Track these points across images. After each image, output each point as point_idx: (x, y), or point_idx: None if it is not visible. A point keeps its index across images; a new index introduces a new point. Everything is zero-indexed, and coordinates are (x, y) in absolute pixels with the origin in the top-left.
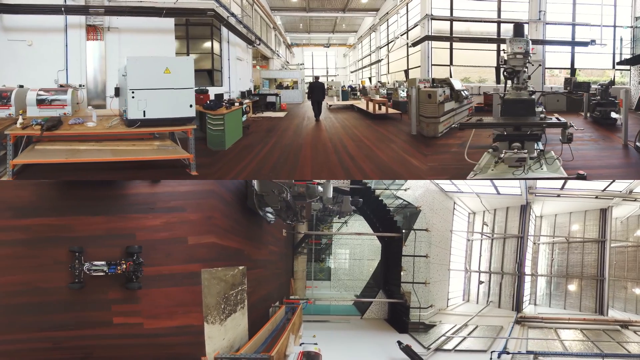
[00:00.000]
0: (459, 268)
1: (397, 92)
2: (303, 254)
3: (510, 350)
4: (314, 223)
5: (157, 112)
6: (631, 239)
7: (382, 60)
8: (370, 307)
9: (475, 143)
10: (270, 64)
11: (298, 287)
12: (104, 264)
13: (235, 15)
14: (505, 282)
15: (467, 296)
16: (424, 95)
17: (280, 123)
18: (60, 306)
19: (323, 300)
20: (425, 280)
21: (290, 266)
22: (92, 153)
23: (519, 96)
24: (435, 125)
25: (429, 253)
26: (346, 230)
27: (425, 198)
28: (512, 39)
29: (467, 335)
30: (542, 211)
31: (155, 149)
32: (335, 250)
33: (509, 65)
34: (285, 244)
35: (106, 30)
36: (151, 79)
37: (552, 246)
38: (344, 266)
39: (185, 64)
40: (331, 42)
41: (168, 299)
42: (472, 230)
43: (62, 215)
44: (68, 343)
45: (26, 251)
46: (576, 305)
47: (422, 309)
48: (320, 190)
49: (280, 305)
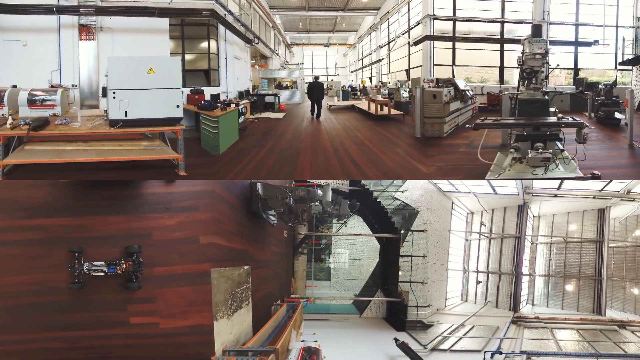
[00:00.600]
0: (457, 268)
1: (398, 92)
2: (303, 254)
3: (504, 350)
4: (314, 224)
5: (140, 113)
6: (630, 239)
7: (383, 60)
8: (369, 306)
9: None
10: (269, 64)
11: (298, 286)
12: (103, 264)
13: (233, 13)
14: (503, 282)
15: (465, 296)
16: (429, 95)
17: (279, 124)
18: (74, 306)
19: (323, 299)
20: (423, 280)
21: (291, 266)
22: (77, 153)
23: (533, 96)
24: (441, 125)
25: (427, 253)
26: (345, 230)
27: (424, 199)
28: (531, 40)
29: (463, 335)
30: (539, 211)
31: (141, 149)
32: (335, 250)
33: (528, 65)
34: (286, 245)
35: (99, 30)
36: (133, 79)
37: (550, 246)
38: (344, 266)
39: (172, 64)
40: (331, 42)
41: (182, 298)
42: (470, 230)
43: (79, 215)
44: (84, 343)
45: (40, 251)
46: (574, 306)
47: (420, 308)
48: (320, 194)
49: (281, 303)
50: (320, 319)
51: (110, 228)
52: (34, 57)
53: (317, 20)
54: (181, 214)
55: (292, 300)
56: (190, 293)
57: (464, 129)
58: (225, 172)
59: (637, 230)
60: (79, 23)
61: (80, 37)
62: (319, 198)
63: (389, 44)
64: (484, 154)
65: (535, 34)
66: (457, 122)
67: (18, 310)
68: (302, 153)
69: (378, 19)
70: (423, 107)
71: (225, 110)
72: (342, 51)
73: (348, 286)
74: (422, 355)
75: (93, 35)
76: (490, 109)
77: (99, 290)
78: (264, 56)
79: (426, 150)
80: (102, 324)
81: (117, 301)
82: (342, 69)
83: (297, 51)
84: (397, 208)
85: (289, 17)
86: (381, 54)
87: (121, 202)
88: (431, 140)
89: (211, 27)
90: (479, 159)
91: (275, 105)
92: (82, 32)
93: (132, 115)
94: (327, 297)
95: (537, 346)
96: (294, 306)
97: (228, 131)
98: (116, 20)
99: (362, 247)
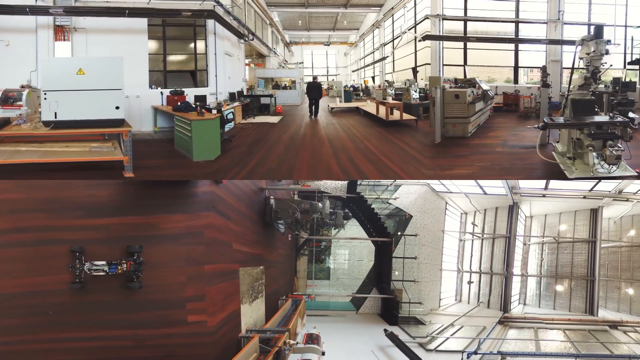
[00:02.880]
0: (451, 268)
1: (408, 93)
2: (304, 255)
3: (483, 351)
4: (314, 228)
5: (71, 114)
6: (625, 239)
7: (387, 58)
8: (365, 302)
9: (517, 143)
10: (266, 63)
11: (300, 285)
12: (104, 264)
13: (223, 5)
14: (495, 282)
15: (459, 296)
16: (450, 95)
17: (272, 131)
18: (141, 304)
19: (323, 297)
20: (415, 279)
21: (294, 266)
22: (27, 154)
23: (583, 96)
24: (465, 125)
25: (420, 254)
26: (344, 233)
27: (417, 203)
28: (597, 40)
29: (450, 335)
30: (531, 211)
31: (87, 150)
32: (335, 251)
33: (593, 65)
34: (290, 247)
35: (73, 30)
36: (65, 80)
37: (542, 246)
38: (343, 266)
39: (112, 65)
40: (332, 40)
41: (221, 293)
42: (464, 230)
43: (147, 214)
44: (149, 342)
45: (107, 250)
46: (566, 306)
47: (413, 305)
48: (320, 206)
49: (286, 298)
50: (320, 314)
51: (170, 226)
52: (16, 57)
53: (317, 18)
54: (222, 217)
55: (295, 296)
56: (226, 288)
57: (487, 129)
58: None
59: (632, 230)
60: (55, 23)
61: (56, 38)
62: (320, 210)
63: (393, 41)
64: (523, 154)
65: (598, 34)
66: (479, 122)
67: (84, 308)
68: (296, 175)
69: (381, 16)
70: (443, 108)
71: (202, 116)
72: (343, 50)
73: (346, 285)
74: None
75: (68, 36)
76: (506, 109)
77: (162, 289)
78: (261, 55)
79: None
80: (164, 324)
81: (179, 300)
82: (342, 68)
83: (297, 50)
84: (391, 214)
85: (287, 15)
86: (385, 52)
87: (181, 201)
88: (454, 140)
89: (199, 28)
90: (528, 158)
91: (271, 108)
92: (58, 32)
93: (63, 116)
94: (326, 294)
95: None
96: (297, 301)
97: (205, 141)
98: (91, 20)
99: (362, 248)
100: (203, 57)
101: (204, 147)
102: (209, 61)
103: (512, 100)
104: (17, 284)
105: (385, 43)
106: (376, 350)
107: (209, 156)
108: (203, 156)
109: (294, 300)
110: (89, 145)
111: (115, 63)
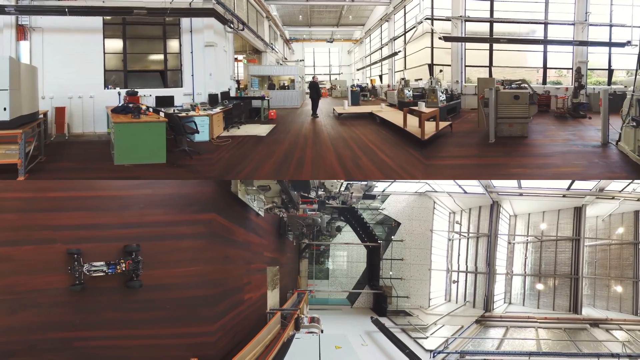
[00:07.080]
0: (440, 268)
1: (434, 95)
2: (306, 258)
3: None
4: (314, 235)
5: None
6: (613, 237)
7: (399, 53)
8: (359, 298)
9: (581, 141)
10: (262, 60)
11: (302, 283)
12: (103, 264)
13: None
14: (479, 281)
15: (448, 296)
16: (507, 96)
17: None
18: (224, 297)
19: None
20: (402, 277)
21: (297, 266)
22: None
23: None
24: (524, 125)
25: (409, 256)
26: (341, 238)
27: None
28: None
29: (430, 335)
30: (514, 210)
31: (3, 153)
32: (333, 253)
33: None
34: (294, 250)
35: (31, 30)
36: None
37: (526, 245)
38: (341, 267)
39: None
40: (335, 37)
41: (258, 281)
42: (452, 229)
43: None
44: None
45: (206, 245)
46: (550, 304)
47: (400, 299)
48: (319, 221)
49: (292, 292)
50: (318, 309)
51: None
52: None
53: (319, 13)
54: (258, 236)
55: (300, 291)
56: (261, 278)
57: (535, 129)
58: None
59: (620, 227)
60: (17, 23)
61: (19, 37)
62: (320, 224)
63: (405, 34)
64: (598, 153)
65: None
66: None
67: (184, 303)
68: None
69: (392, 8)
70: (497, 109)
71: (138, 119)
72: (346, 47)
73: (343, 284)
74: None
75: (27, 35)
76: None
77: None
78: (257, 51)
79: (528, 150)
80: (234, 303)
81: (238, 286)
82: (346, 67)
83: (297, 48)
84: (378, 222)
85: (287, 9)
86: (395, 46)
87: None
88: (515, 139)
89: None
90: (606, 157)
91: (262, 113)
92: (20, 32)
93: None
94: (325, 290)
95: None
96: (302, 294)
97: (131, 145)
98: (46, 20)
99: (359, 251)
100: (176, 57)
101: (129, 152)
102: (183, 60)
103: (544, 101)
104: None
105: (396, 37)
106: (363, 334)
107: (135, 161)
108: (126, 160)
109: (298, 294)
110: (6, 147)
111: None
